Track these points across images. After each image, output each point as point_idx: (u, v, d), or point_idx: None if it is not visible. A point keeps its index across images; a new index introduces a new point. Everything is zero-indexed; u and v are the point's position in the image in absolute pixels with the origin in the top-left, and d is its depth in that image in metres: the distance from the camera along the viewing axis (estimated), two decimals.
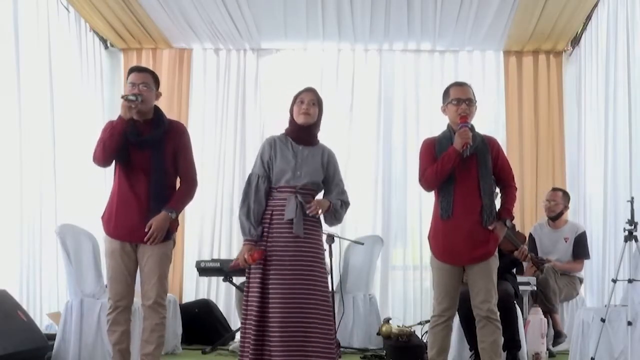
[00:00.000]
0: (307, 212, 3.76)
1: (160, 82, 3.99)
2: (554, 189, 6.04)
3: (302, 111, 3.85)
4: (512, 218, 4.02)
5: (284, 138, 3.93)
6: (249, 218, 3.79)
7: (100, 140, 3.74)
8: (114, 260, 3.77)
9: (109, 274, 3.81)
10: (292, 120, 3.92)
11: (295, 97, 3.91)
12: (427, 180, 3.87)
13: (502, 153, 3.99)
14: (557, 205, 5.88)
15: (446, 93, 3.94)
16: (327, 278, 3.90)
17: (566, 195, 5.97)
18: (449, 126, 3.93)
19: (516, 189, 3.99)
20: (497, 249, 3.89)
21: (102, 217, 3.87)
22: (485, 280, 3.79)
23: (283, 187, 3.80)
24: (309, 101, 3.86)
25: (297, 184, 3.80)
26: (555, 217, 5.87)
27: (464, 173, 3.80)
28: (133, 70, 3.90)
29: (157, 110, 3.89)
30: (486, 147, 3.87)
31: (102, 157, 3.73)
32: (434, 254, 3.91)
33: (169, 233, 3.82)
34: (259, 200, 3.81)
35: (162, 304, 3.80)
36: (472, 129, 3.85)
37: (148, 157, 3.74)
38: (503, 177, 3.93)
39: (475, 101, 3.92)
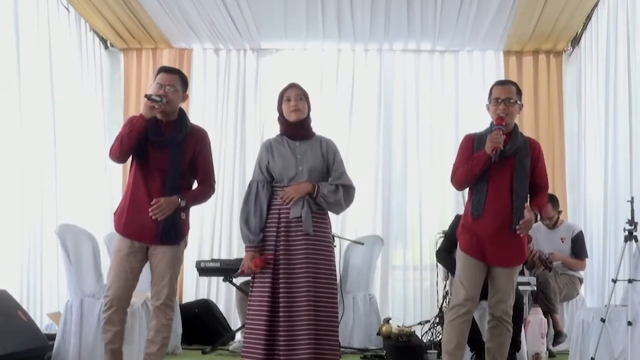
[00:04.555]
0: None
1: (188, 84, 3.95)
2: None
3: (291, 108, 3.84)
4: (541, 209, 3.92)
5: (279, 138, 3.93)
6: (247, 225, 3.79)
7: (118, 136, 3.71)
8: (119, 258, 3.73)
9: (110, 271, 3.78)
10: (283, 120, 3.92)
11: (281, 96, 3.91)
12: (457, 180, 3.81)
13: (542, 158, 3.89)
14: (552, 218, 5.86)
15: (490, 91, 3.89)
16: (335, 276, 3.86)
17: (554, 202, 5.89)
18: (491, 124, 3.83)
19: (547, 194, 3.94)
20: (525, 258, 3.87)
21: (115, 214, 3.83)
22: (506, 281, 3.75)
23: (287, 186, 3.80)
24: (296, 97, 3.85)
25: (301, 179, 3.80)
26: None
27: (499, 173, 3.72)
28: (162, 70, 3.85)
29: (181, 112, 3.86)
30: (527, 150, 3.79)
31: (118, 153, 3.70)
32: (460, 246, 3.84)
33: (180, 236, 3.79)
34: (259, 205, 3.80)
35: (170, 306, 3.79)
36: (513, 130, 3.78)
37: (166, 157, 3.71)
38: (538, 183, 3.84)
39: (518, 100, 3.83)
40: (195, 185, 3.93)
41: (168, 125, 3.78)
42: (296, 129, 3.89)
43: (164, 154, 3.72)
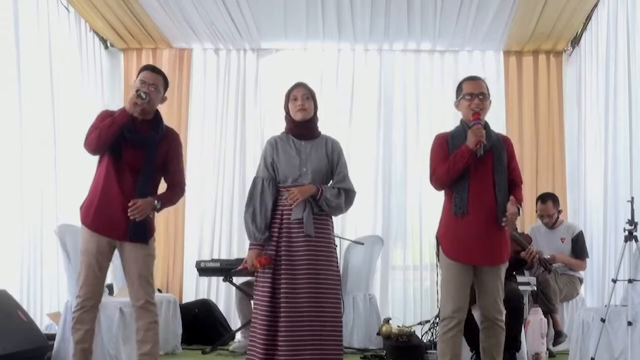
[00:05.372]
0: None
1: (168, 86, 3.97)
2: (543, 201, 5.88)
3: (297, 108, 3.83)
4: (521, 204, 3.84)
5: (284, 137, 3.91)
6: (254, 222, 3.76)
7: (95, 128, 3.70)
8: (88, 259, 3.71)
9: (80, 271, 3.75)
10: (289, 118, 3.91)
11: (288, 95, 3.90)
12: (437, 179, 3.75)
13: (515, 154, 3.87)
14: (552, 217, 5.85)
15: (459, 88, 3.82)
16: (338, 279, 3.84)
17: (555, 200, 5.89)
18: (462, 122, 3.80)
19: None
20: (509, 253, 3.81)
21: (81, 207, 3.80)
22: (494, 279, 3.70)
23: (291, 187, 3.78)
24: (303, 96, 3.84)
25: (305, 181, 3.78)
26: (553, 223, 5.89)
27: (479, 169, 3.67)
28: (147, 68, 3.88)
29: (157, 113, 3.88)
30: (501, 145, 3.76)
31: (95, 145, 3.69)
32: (444, 252, 3.74)
33: (149, 234, 3.78)
34: (265, 203, 3.78)
35: (153, 303, 3.77)
36: (485, 126, 3.72)
37: (140, 156, 3.72)
38: (513, 178, 3.79)
39: (489, 96, 3.80)
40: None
41: (144, 124, 3.79)
42: (302, 128, 3.88)
43: (137, 153, 3.72)
